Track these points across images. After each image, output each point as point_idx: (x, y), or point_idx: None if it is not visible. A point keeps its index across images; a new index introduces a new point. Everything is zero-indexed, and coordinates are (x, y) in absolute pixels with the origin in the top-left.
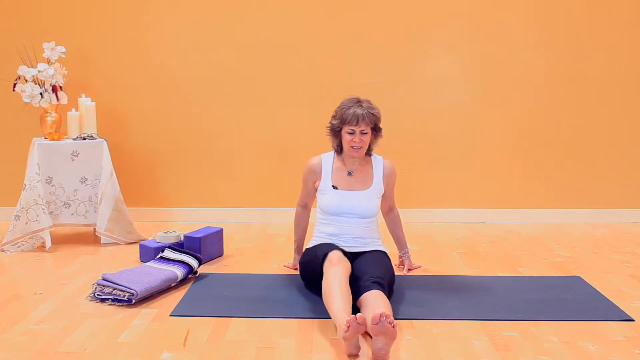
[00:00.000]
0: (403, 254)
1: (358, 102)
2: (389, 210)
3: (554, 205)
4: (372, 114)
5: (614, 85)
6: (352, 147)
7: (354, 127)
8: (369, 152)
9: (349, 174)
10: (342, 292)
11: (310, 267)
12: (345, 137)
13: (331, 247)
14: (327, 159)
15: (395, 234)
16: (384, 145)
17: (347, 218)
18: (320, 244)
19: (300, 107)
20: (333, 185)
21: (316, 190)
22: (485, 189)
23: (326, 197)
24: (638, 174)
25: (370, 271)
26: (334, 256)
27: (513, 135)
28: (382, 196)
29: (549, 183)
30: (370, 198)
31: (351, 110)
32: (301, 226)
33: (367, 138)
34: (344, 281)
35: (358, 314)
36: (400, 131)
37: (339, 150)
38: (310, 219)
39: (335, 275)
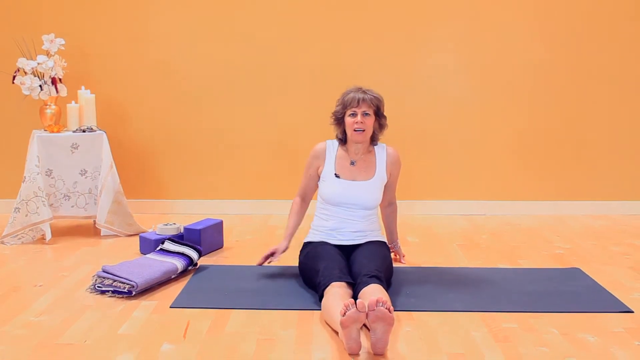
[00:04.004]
0: (393, 245)
1: (359, 88)
2: (388, 204)
3: (553, 197)
4: (373, 96)
5: (614, 78)
6: (354, 130)
7: (356, 108)
8: (374, 142)
9: (352, 163)
10: (343, 300)
11: (308, 274)
12: (348, 121)
13: (333, 272)
14: (332, 146)
15: (389, 227)
16: (384, 137)
17: (348, 210)
18: (321, 258)
19: (301, 100)
20: (335, 174)
21: (319, 177)
22: (485, 181)
23: (327, 185)
24: (638, 166)
25: (368, 265)
26: (335, 286)
27: (513, 128)
28: (384, 187)
29: (548, 175)
30: (372, 189)
31: (352, 94)
32: (295, 217)
33: (369, 121)
34: (345, 297)
35: (358, 300)
36: (400, 123)
37: (343, 139)
38: (308, 210)
39: (336, 294)
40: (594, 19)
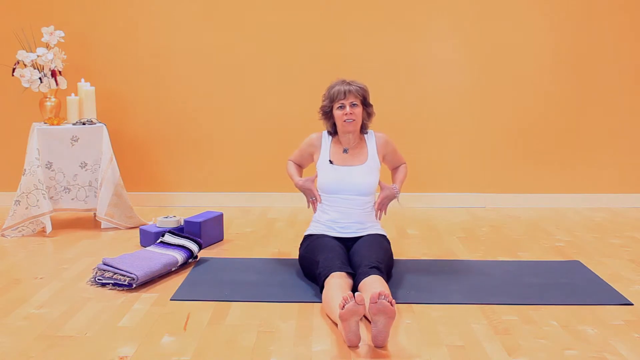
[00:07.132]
0: (393, 187)
1: (343, 80)
2: (399, 166)
3: (554, 190)
4: (358, 86)
5: (615, 70)
6: (344, 121)
7: (343, 100)
8: (364, 131)
9: (345, 151)
10: (343, 291)
11: (308, 266)
12: (337, 114)
13: (333, 262)
14: (326, 136)
15: (396, 174)
16: (384, 129)
17: (346, 199)
18: (321, 250)
19: (300, 91)
20: (330, 160)
21: (313, 161)
22: (486, 174)
23: (323, 174)
24: (637, 158)
25: (368, 257)
26: (336, 276)
27: (514, 120)
28: (390, 162)
29: (549, 168)
30: (366, 173)
31: (337, 87)
32: (293, 168)
33: (358, 111)
34: (346, 288)
35: (356, 293)
36: (401, 115)
37: (333, 132)
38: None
39: (336, 285)
40: (594, 12)
